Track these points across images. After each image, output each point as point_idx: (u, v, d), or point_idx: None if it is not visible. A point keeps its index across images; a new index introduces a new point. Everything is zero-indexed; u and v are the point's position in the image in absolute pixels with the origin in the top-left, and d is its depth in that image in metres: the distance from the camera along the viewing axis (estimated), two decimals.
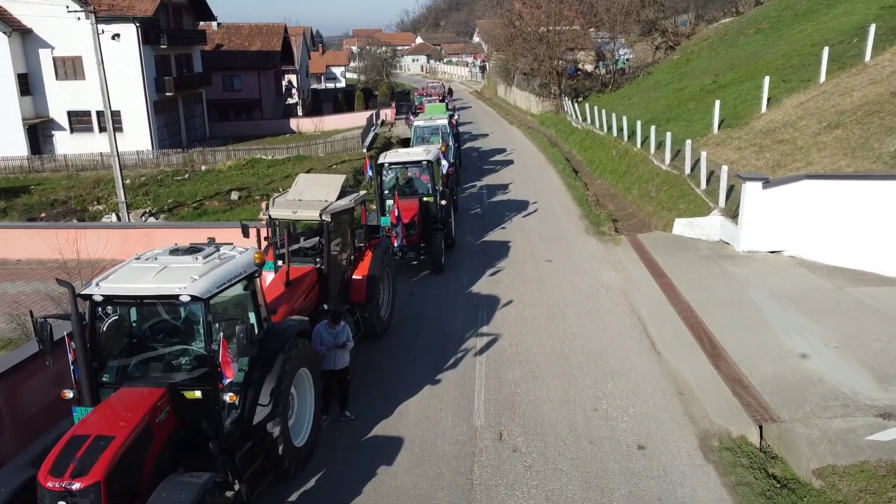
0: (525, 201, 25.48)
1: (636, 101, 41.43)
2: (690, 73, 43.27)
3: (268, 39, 62.50)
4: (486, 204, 25.45)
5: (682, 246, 18.39)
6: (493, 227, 22.01)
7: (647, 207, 23.51)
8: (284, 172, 33.13)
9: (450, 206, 18.90)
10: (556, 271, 17.15)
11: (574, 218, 22.88)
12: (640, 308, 14.42)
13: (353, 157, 37.07)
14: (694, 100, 34.59)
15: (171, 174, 36.23)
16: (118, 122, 45.00)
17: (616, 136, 33.20)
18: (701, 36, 51.78)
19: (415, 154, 18.24)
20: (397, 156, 18.25)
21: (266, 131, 56.19)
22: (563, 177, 30.46)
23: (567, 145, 40.53)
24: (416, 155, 18.13)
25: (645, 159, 27.79)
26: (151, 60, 44.99)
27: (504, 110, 62.85)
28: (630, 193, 26.05)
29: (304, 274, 11.63)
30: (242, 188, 29.50)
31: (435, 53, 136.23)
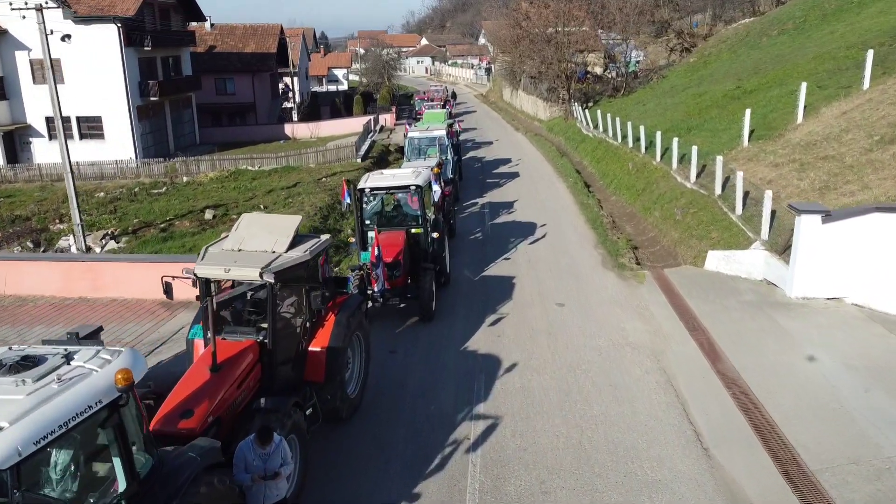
0: (532, 224, 22.59)
1: (651, 108, 38.51)
2: (710, 78, 40.31)
3: (263, 41, 59.78)
4: (488, 227, 22.56)
5: (720, 287, 15.46)
6: (496, 256, 19.12)
7: (671, 233, 20.58)
8: (268, 186, 30.34)
9: (443, 239, 16.04)
10: (569, 320, 14.25)
11: (588, 245, 19.97)
12: (677, 378, 11.51)
13: (346, 168, 34.25)
14: (716, 107, 31.66)
15: (148, 186, 33.46)
16: (99, 128, 42.55)
17: (632, 146, 30.28)
18: (719, 37, 48.78)
19: (401, 177, 15.36)
20: (381, 179, 15.38)
21: (259, 137, 53.45)
22: (575, 193, 27.54)
23: (577, 155, 37.62)
24: (403, 178, 15.26)
25: (666, 175, 24.87)
26: (135, 63, 42.27)
27: (510, 115, 59.96)
28: (650, 215, 23.12)
29: (240, 352, 8.79)
30: (219, 205, 26.70)
31: (440, 55, 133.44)
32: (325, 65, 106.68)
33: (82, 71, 40.85)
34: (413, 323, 14.38)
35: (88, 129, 42.58)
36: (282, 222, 9.98)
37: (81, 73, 40.87)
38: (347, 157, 36.35)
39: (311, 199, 27.03)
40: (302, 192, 28.47)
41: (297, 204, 26.63)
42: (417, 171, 15.68)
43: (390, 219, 15.74)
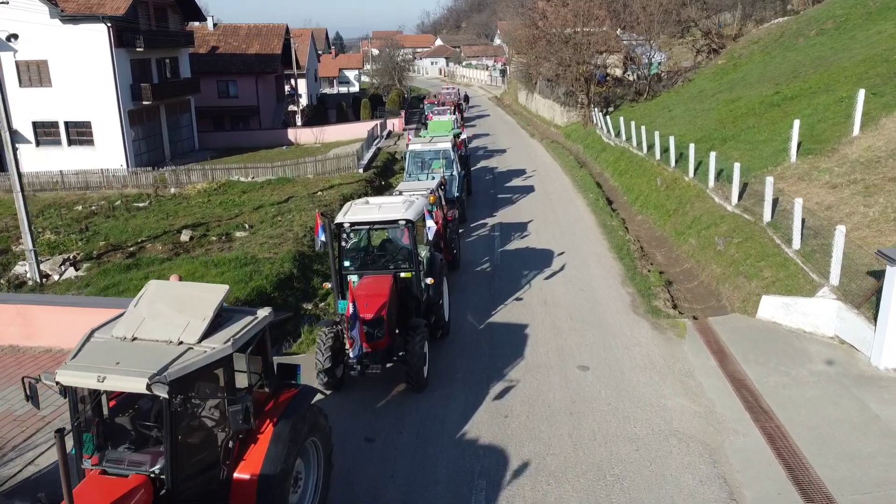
0: (548, 251, 19.68)
1: (679, 114, 35.44)
2: (742, 82, 37.16)
3: (267, 41, 57.28)
4: (497, 255, 19.66)
5: (783, 347, 12.46)
6: (506, 295, 16.24)
7: (712, 266, 17.57)
8: (258, 200, 27.64)
9: (441, 282, 13.19)
10: (595, 392, 11.33)
11: (614, 281, 17.01)
12: (743, 491, 8.57)
13: (346, 179, 31.51)
14: (753, 115, 28.58)
15: (132, 198, 30.91)
16: (88, 134, 40.17)
17: (660, 158, 27.28)
18: (750, 38, 45.51)
19: (389, 209, 12.50)
20: (363, 211, 12.51)
21: (262, 142, 50.99)
22: (596, 212, 24.58)
23: (597, 165, 34.62)
24: (391, 210, 12.40)
25: (701, 194, 21.86)
26: (126, 64, 39.81)
27: (525, 119, 56.99)
28: (685, 241, 20.11)
29: (121, 498, 5.99)
30: (200, 224, 24.03)
31: (454, 56, 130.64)
32: (337, 66, 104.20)
33: (70, 73, 38.52)
34: (399, 393, 11.54)
35: (77, 135, 40.22)
36: (201, 294, 7.16)
37: (70, 75, 38.54)
38: (348, 167, 33.60)
39: (302, 217, 24.29)
40: (293, 209, 25.74)
41: (285, 222, 23.91)
42: (409, 201, 12.83)
43: (374, 260, 12.90)
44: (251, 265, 18.73)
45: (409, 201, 12.80)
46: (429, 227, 12.10)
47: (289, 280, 18.15)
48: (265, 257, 19.54)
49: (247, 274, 17.82)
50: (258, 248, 20.72)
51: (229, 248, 21.29)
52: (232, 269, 18.21)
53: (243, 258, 19.23)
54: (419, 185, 17.46)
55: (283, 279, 17.99)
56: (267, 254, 20.03)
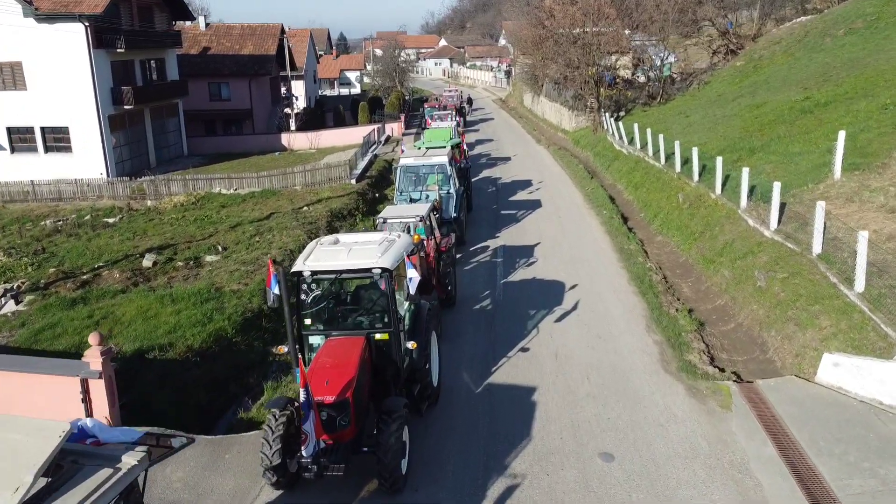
0: (558, 284, 17.07)
1: (697, 121, 32.80)
2: (765, 85, 34.50)
3: (261, 42, 54.77)
4: (500, 287, 17.05)
5: (860, 431, 9.81)
6: (509, 343, 13.65)
7: (751, 306, 14.93)
8: (237, 216, 25.09)
9: (429, 343, 10.59)
10: (625, 497, 8.73)
11: (638, 326, 14.39)
12: None
13: (337, 192, 28.94)
14: (783, 122, 25.95)
15: (104, 212, 28.47)
16: (66, 141, 37.73)
17: (680, 171, 24.65)
18: (770, 38, 42.81)
19: (361, 252, 9.88)
20: (329, 255, 9.90)
21: (254, 148, 48.48)
22: (611, 232, 21.98)
23: (609, 176, 31.99)
24: (363, 254, 9.80)
25: (732, 215, 19.22)
26: (106, 66, 37.35)
27: (531, 124, 54.36)
28: (716, 272, 17.46)
29: None
30: (169, 245, 21.52)
31: (458, 57, 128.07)
32: (337, 67, 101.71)
33: (46, 75, 36.11)
34: (369, 494, 8.95)
35: (54, 142, 37.77)
36: (22, 442, 4.56)
37: (46, 77, 36.13)
38: (340, 177, 31.02)
39: (283, 238, 21.76)
40: (274, 228, 23.20)
41: (263, 244, 21.36)
42: (388, 242, 10.22)
43: (343, 316, 10.30)
44: (214, 300, 16.18)
45: (388, 242, 10.19)
46: (409, 278, 9.51)
47: (257, 318, 15.60)
48: (233, 290, 17.00)
49: (207, 312, 15.27)
50: (227, 276, 18.17)
51: (196, 275, 18.76)
52: (190, 306, 15.66)
53: (206, 291, 16.68)
54: (407, 212, 14.85)
55: (250, 318, 15.45)
56: (236, 284, 17.49)
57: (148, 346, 13.41)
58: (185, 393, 12.30)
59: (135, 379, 12.25)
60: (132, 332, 14.32)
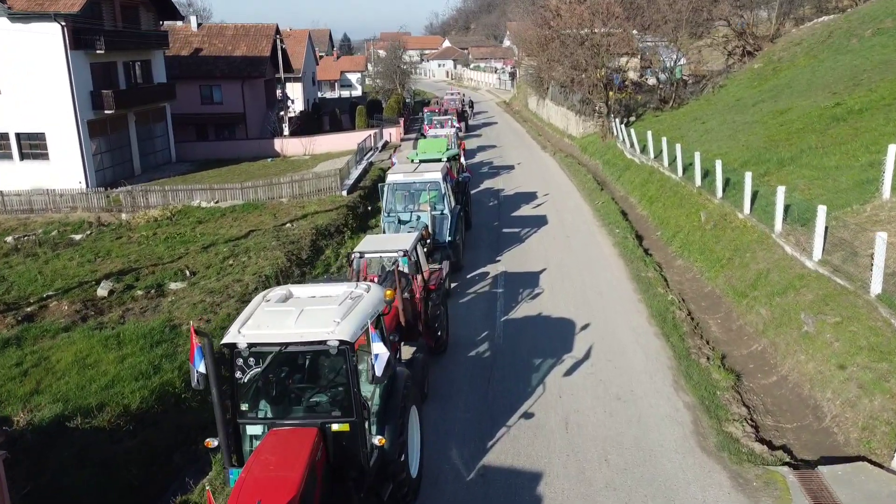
0: (567, 323, 14.74)
1: (715, 128, 30.44)
2: (788, 89, 32.13)
3: (255, 43, 52.58)
4: (499, 327, 14.72)
5: None
6: (509, 406, 11.32)
7: (797, 355, 12.58)
8: (213, 234, 22.84)
9: (405, 427, 8.28)
10: None
11: (664, 382, 12.05)
12: None
13: (325, 205, 26.65)
14: (812, 131, 23.62)
15: (73, 227, 26.29)
16: (42, 147, 35.56)
17: (700, 185, 22.33)
18: (790, 38, 40.40)
19: (315, 315, 7.56)
20: (275, 318, 7.58)
21: (246, 154, 46.39)
22: (626, 255, 19.65)
23: (620, 187, 29.65)
24: (316, 318, 7.47)
25: (764, 239, 16.87)
26: (86, 69, 35.19)
27: (536, 128, 52.04)
28: (750, 308, 15.09)
29: None
30: (130, 269, 19.27)
31: (462, 58, 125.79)
32: (338, 68, 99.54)
33: (21, 78, 33.94)
34: None
35: (31, 148, 35.64)
36: None
37: (20, 80, 33.97)
38: (330, 188, 28.74)
39: (258, 262, 19.48)
40: (251, 248, 20.92)
41: (236, 268, 19.10)
42: (352, 299, 7.91)
43: (290, 399, 7.99)
44: (167, 342, 13.93)
45: (352, 300, 7.88)
46: (375, 355, 7.18)
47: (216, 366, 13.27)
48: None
49: (156, 360, 13.01)
50: (189, 310, 15.91)
51: (156, 306, 16.51)
52: (137, 351, 13.40)
53: (160, 330, 14.43)
54: (389, 244, 12.47)
55: None
56: (198, 319, 15.23)
57: (74, 408, 11.13)
58: (112, 471, 10.03)
59: (49, 456, 9.98)
60: (62, 387, 12.06)
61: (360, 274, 12.29)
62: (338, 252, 22.29)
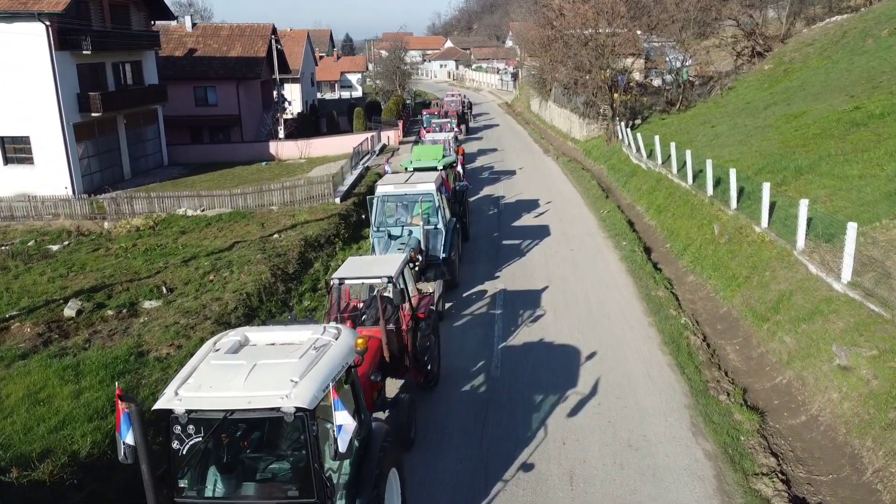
0: (573, 351, 13.44)
1: (725, 132, 29.13)
2: (801, 92, 30.82)
3: (251, 43, 51.37)
4: (497, 356, 13.41)
5: None
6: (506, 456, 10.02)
7: (830, 394, 11.24)
8: (195, 247, 21.55)
9: None
10: None
11: (682, 427, 10.72)
12: None
13: (316, 214, 25.36)
14: (830, 136, 22.31)
15: (52, 237, 25.05)
16: (27, 151, 34.35)
17: (712, 194, 21.01)
18: (802, 39, 39.06)
19: (267, 373, 6.24)
20: (221, 377, 6.29)
21: (240, 157, 45.14)
22: (634, 271, 18.34)
23: (627, 194, 28.33)
24: (268, 378, 6.14)
25: (784, 256, 15.54)
26: (72, 70, 33.97)
27: (538, 131, 50.73)
28: (772, 335, 13.75)
29: None
30: (103, 286, 17.99)
31: (464, 58, 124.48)
32: (338, 69, 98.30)
33: (5, 80, 32.73)
34: None
35: (15, 152, 34.44)
36: None
37: (4, 82, 32.77)
38: (322, 195, 27.46)
39: (241, 278, 18.20)
40: (234, 262, 19.64)
41: (217, 285, 17.82)
42: (315, 353, 6.60)
43: (239, 475, 6.68)
44: (132, 373, 12.65)
45: (315, 351, 6.59)
46: (338, 426, 5.87)
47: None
48: (160, 356, 13.46)
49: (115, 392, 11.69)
50: (160, 333, 14.63)
51: (126, 329, 15.24)
52: (97, 384, 12.12)
53: (125, 358, 13.15)
54: (373, 268, 11.10)
55: None
56: (167, 346, 13.96)
57: (14, 457, 9.85)
58: None
59: None
60: (7, 427, 10.78)
61: (340, 303, 10.99)
62: (327, 265, 21.01)
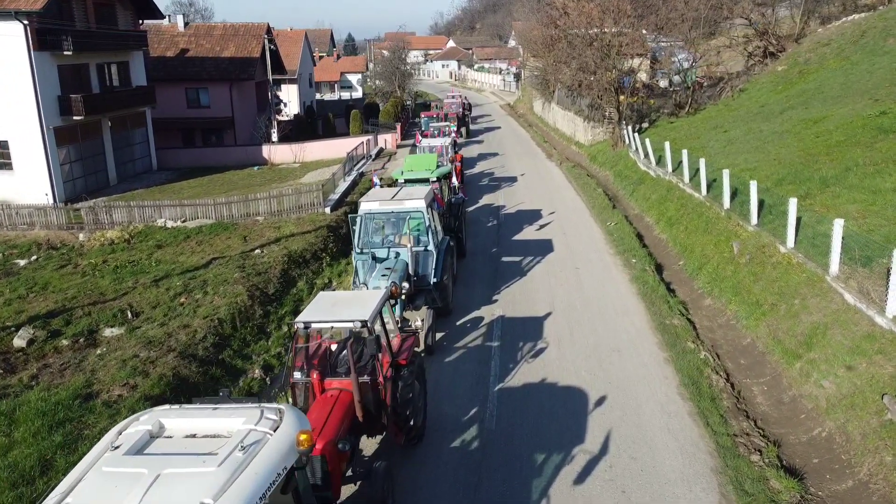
0: (580, 395, 11.79)
1: (738, 137, 27.43)
2: (819, 95, 29.13)
3: (244, 43, 49.78)
4: (492, 401, 11.75)
5: None
6: None
7: (881, 454, 9.57)
8: (170, 263, 19.94)
9: None
10: None
11: (709, 491, 9.08)
12: None
13: (304, 226, 23.73)
14: (856, 143, 20.66)
15: (20, 251, 23.46)
16: (5, 157, 32.78)
17: (729, 207, 19.35)
18: (817, 39, 37.32)
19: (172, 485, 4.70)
20: (110, 492, 4.73)
21: (233, 161, 43.64)
22: (646, 295, 16.66)
23: (635, 203, 26.66)
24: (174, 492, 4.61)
25: (815, 282, 13.87)
26: (52, 71, 32.41)
27: (541, 134, 49.05)
28: (806, 377, 12.08)
29: None
30: (65, 309, 16.40)
31: (466, 58, 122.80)
32: (338, 69, 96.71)
33: None
34: None
35: None
36: None
37: None
38: (311, 204, 25.84)
39: (214, 301, 16.58)
40: (210, 281, 18.02)
41: (188, 309, 16.21)
42: (246, 449, 5.00)
43: None
44: (74, 421, 11.03)
45: (244, 449, 4.96)
46: None
47: None
48: (110, 399, 11.85)
49: (50, 451, 10.10)
50: (117, 369, 13.02)
51: (79, 363, 13.63)
52: (30, 438, 10.50)
53: (69, 402, 11.53)
54: (344, 309, 9.32)
55: None
56: (122, 385, 12.35)
57: None
58: None
59: None
60: None
61: (308, 350, 9.34)
62: (312, 283, 19.41)
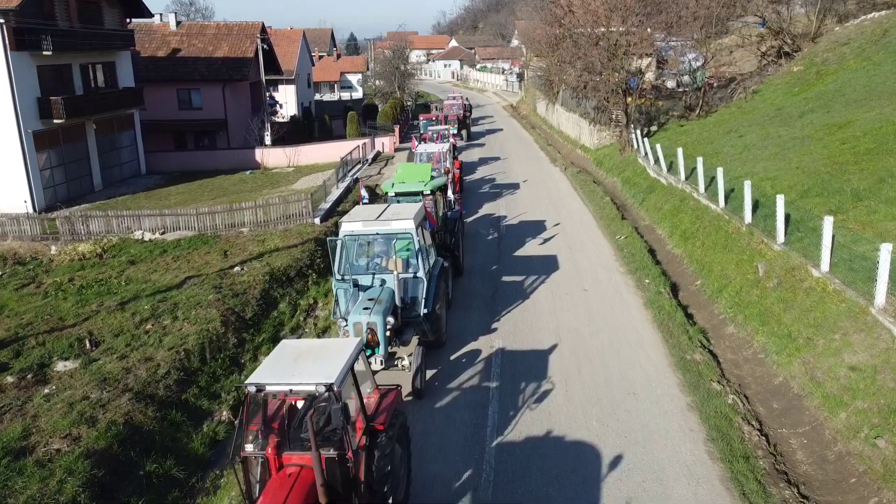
0: (591, 452, 10.13)
1: (755, 143, 25.70)
2: (840, 97, 27.39)
3: (238, 43, 48.17)
4: (490, 459, 10.07)
5: None
6: None
7: None
8: (139, 284, 18.30)
9: None
10: None
11: None
12: None
13: (290, 239, 22.08)
14: (888, 152, 19.03)
15: None
16: None
17: (751, 221, 17.65)
18: (835, 38, 35.57)
19: None
20: None
21: (224, 165, 42.09)
22: (662, 323, 14.98)
23: (645, 214, 24.96)
24: None
25: (859, 313, 12.17)
26: (31, 72, 30.85)
27: (544, 136, 47.34)
28: (853, 431, 10.38)
29: None
30: (17, 338, 14.78)
31: (468, 58, 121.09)
32: (338, 69, 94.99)
33: None
34: None
35: None
36: None
37: None
38: (300, 214, 24.19)
39: (184, 329, 14.95)
40: (181, 304, 16.38)
41: (153, 337, 14.58)
42: None
43: None
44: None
45: None
46: None
47: None
48: (48, 453, 10.22)
49: None
50: (62, 414, 11.40)
51: (21, 406, 12.01)
52: None
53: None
54: (309, 367, 7.47)
55: None
56: (63, 436, 10.73)
57: None
58: None
59: None
60: None
61: (265, 413, 7.69)
62: (296, 304, 17.80)
